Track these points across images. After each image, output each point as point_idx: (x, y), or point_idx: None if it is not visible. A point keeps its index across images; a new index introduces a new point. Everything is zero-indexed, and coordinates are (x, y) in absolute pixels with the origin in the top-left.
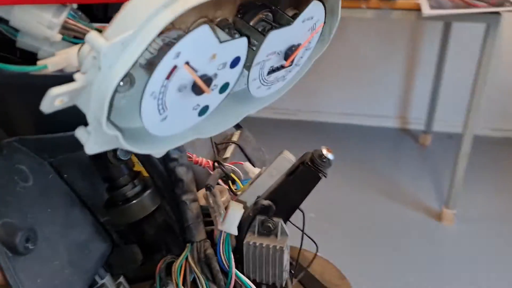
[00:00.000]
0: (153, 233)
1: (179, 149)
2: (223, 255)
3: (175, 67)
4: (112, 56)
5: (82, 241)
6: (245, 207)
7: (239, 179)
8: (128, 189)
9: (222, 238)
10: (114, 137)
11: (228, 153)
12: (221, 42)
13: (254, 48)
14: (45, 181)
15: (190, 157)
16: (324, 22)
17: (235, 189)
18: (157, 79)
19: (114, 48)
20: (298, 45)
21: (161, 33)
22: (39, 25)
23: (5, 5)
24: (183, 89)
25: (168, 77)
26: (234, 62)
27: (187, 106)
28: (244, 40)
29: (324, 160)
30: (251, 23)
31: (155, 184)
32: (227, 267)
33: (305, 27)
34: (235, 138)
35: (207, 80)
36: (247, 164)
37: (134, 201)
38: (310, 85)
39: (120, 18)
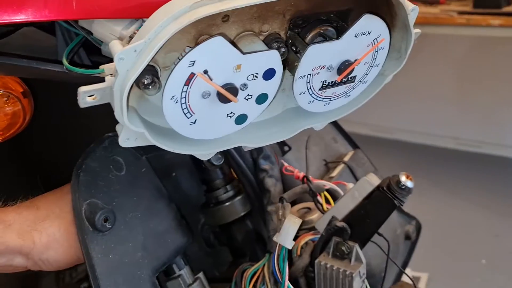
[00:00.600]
0: (241, 239)
1: (271, 160)
2: (277, 267)
3: (192, 75)
4: (128, 61)
5: (159, 231)
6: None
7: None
8: (221, 193)
9: (277, 250)
10: (142, 133)
11: (335, 172)
12: (244, 53)
13: None
14: (137, 173)
15: (291, 171)
16: (390, 38)
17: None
18: (174, 85)
19: (128, 54)
20: (355, 60)
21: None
22: (111, 36)
23: (85, 19)
24: (207, 96)
25: (187, 84)
26: (268, 74)
27: (218, 112)
28: (273, 52)
29: (402, 187)
30: (308, 37)
31: (246, 192)
32: (280, 279)
33: (361, 43)
34: (346, 158)
35: (232, 89)
36: (350, 186)
37: (224, 204)
38: (498, 114)
39: (140, 29)
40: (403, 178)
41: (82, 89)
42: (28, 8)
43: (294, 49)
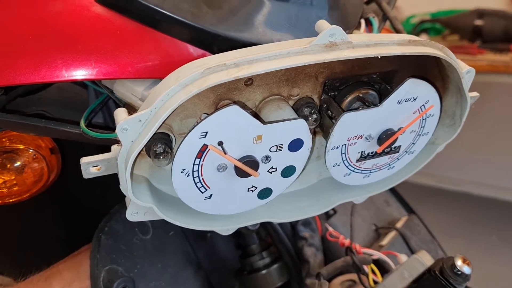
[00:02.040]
0: None
1: (311, 227)
2: None
3: (205, 146)
4: (132, 131)
5: None
6: None
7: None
8: (256, 259)
9: None
10: (149, 208)
11: (386, 240)
12: (265, 123)
13: None
14: (164, 237)
15: (336, 238)
16: (442, 103)
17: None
18: (184, 157)
19: (132, 123)
20: (399, 129)
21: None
22: (132, 96)
23: (105, 79)
24: (223, 170)
25: (199, 156)
26: (295, 145)
27: (237, 187)
28: (300, 122)
29: (457, 273)
30: (345, 102)
31: (283, 260)
32: None
33: (406, 109)
34: (399, 224)
35: (251, 162)
36: (402, 257)
37: (259, 273)
38: None
39: (148, 96)
40: (459, 263)
41: (85, 160)
42: (44, 68)
43: (330, 114)
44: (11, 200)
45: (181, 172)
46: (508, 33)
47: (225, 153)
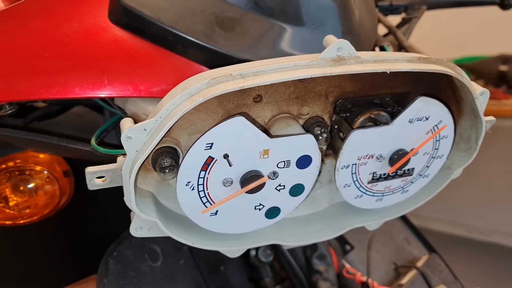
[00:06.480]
0: None
1: (326, 261)
2: None
3: (210, 159)
4: (137, 140)
5: None
6: None
7: None
8: None
9: None
10: (155, 223)
11: (405, 279)
12: (272, 137)
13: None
14: (175, 265)
15: (353, 275)
16: (456, 125)
17: None
18: (189, 169)
19: (137, 132)
20: (411, 150)
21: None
22: (144, 116)
23: (116, 97)
24: (228, 184)
25: (204, 169)
26: (303, 162)
27: (244, 204)
28: (308, 137)
29: None
30: (357, 123)
31: None
32: None
33: (418, 129)
34: (420, 263)
35: (256, 177)
36: None
37: None
38: None
39: (156, 107)
40: None
41: (90, 169)
42: (58, 85)
43: (341, 135)
44: (21, 221)
45: (186, 185)
46: None
47: (231, 166)
